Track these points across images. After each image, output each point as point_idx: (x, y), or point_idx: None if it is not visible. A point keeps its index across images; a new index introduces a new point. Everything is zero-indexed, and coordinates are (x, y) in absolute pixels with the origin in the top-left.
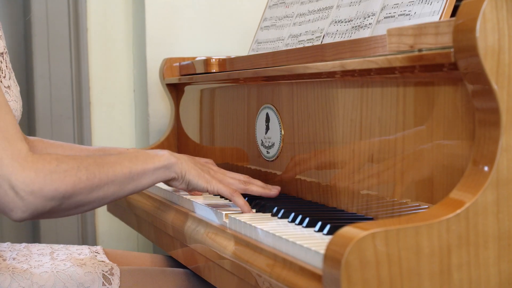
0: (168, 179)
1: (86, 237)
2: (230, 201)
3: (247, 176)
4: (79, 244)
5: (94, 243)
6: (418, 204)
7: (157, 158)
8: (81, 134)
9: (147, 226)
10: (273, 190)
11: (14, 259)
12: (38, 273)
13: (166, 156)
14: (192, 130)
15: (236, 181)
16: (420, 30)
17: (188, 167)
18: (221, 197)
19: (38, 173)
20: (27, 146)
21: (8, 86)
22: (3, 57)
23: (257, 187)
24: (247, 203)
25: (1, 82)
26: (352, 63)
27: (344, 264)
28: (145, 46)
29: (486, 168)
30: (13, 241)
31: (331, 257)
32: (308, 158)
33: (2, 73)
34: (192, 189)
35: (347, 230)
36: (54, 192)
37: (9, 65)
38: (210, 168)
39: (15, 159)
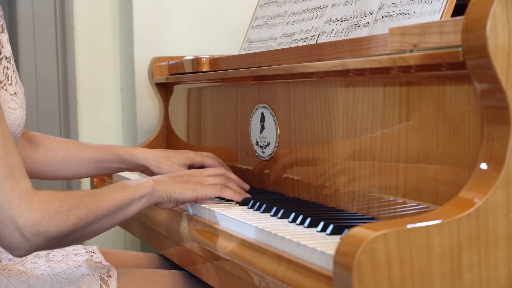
0: (154, 203)
1: None
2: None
3: (222, 168)
4: None
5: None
6: (417, 204)
7: (142, 186)
8: (67, 134)
9: (138, 225)
10: (242, 194)
11: (10, 260)
12: (35, 276)
13: (149, 183)
14: (182, 130)
15: (216, 179)
16: (424, 29)
17: (170, 187)
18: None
19: (44, 215)
20: (30, 182)
21: (15, 93)
22: (10, 61)
23: (230, 193)
24: (236, 192)
25: (7, 90)
26: (354, 62)
27: (356, 265)
28: (132, 45)
29: (496, 168)
30: None
31: (342, 258)
32: (306, 157)
33: (8, 80)
34: (182, 204)
35: (358, 231)
36: (57, 233)
37: (15, 68)
38: (190, 176)
39: (22, 199)
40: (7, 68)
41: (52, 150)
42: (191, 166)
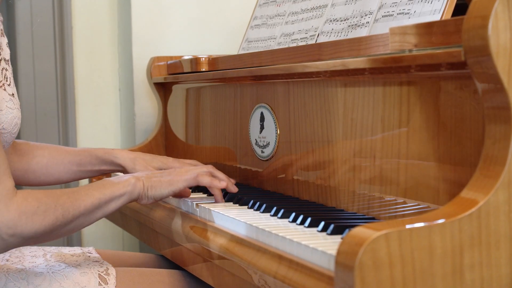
0: (133, 200)
1: (71, 238)
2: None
3: (209, 166)
4: (64, 245)
5: (79, 243)
6: (417, 204)
7: (121, 184)
8: (66, 134)
9: (136, 224)
10: (221, 183)
11: (7, 260)
12: (34, 273)
13: (130, 181)
14: (180, 130)
15: (197, 170)
16: (425, 28)
17: (148, 184)
18: (209, 194)
19: (21, 216)
20: (13, 182)
21: (13, 94)
22: (8, 64)
23: (207, 179)
24: (213, 178)
25: (5, 90)
26: (354, 62)
27: (358, 265)
28: (131, 45)
29: (497, 168)
30: None
31: (344, 258)
32: (306, 157)
33: (7, 81)
34: (160, 199)
35: (360, 231)
36: (33, 234)
37: (11, 70)
38: (171, 170)
39: (2, 200)
40: (6, 70)
41: (35, 156)
42: None
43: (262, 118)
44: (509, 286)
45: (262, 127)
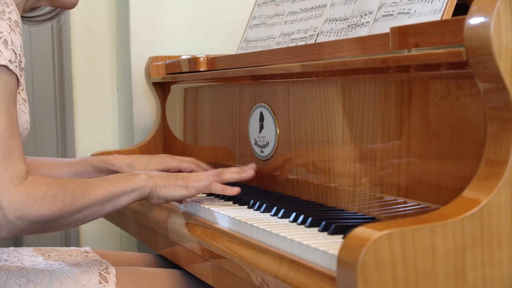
0: (143, 197)
1: (70, 238)
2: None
3: (220, 169)
4: (62, 244)
5: (77, 244)
6: (417, 203)
7: (133, 180)
8: (64, 134)
9: (135, 224)
10: (247, 172)
11: (6, 260)
12: (34, 271)
13: (142, 177)
14: (179, 130)
15: (210, 177)
16: (425, 28)
17: (161, 184)
18: (208, 195)
19: (28, 198)
20: (26, 168)
21: (25, 100)
22: (23, 71)
23: (230, 174)
24: (226, 186)
25: (19, 94)
26: (354, 62)
27: (360, 265)
28: (129, 44)
29: (499, 168)
30: None
31: (346, 258)
32: (306, 157)
33: (21, 86)
34: (172, 201)
35: (362, 231)
36: (40, 217)
37: None
38: (185, 176)
39: (12, 182)
40: (20, 76)
41: (31, 172)
42: (167, 171)
43: (261, 118)
44: (511, 286)
45: (261, 127)
